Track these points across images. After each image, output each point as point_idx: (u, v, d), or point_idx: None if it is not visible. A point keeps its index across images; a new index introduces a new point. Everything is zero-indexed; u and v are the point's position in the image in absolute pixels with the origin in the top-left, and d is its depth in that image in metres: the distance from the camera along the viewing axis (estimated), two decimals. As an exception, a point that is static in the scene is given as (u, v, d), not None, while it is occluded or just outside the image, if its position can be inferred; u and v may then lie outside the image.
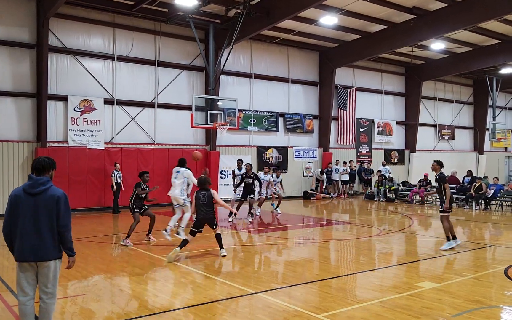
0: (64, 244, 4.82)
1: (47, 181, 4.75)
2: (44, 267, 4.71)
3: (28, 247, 4.64)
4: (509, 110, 34.63)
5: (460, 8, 17.87)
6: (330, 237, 12.44)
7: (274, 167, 19.65)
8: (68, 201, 4.82)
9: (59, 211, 4.70)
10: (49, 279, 4.75)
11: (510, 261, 9.16)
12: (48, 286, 4.77)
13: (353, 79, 25.88)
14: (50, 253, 4.71)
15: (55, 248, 4.76)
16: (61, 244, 4.82)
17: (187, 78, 20.21)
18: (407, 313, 5.99)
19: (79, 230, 12.78)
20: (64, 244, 4.82)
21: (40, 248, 4.66)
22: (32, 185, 4.71)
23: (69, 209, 4.84)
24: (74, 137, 17.32)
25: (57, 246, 4.79)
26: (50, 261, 4.72)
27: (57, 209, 4.69)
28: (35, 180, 4.74)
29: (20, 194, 4.72)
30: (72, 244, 4.88)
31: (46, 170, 4.84)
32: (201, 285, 7.56)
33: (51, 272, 4.75)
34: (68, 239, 4.81)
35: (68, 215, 4.79)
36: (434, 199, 21.55)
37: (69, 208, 4.84)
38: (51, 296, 4.81)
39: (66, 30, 17.34)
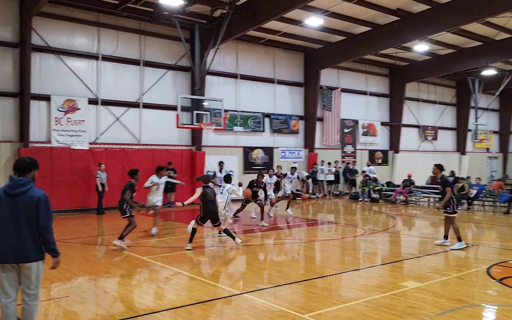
0: (46, 245, 4.77)
1: (27, 182, 4.69)
2: (26, 269, 4.65)
3: (9, 248, 4.60)
4: (491, 112, 35.21)
5: (443, 11, 18.11)
6: (315, 237, 12.51)
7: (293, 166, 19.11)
8: (49, 202, 4.75)
9: (39, 213, 4.64)
10: (31, 281, 4.69)
11: (492, 261, 9.32)
12: (31, 287, 4.71)
13: (338, 80, 26.05)
14: (31, 255, 4.65)
15: (37, 250, 4.70)
16: (44, 245, 4.76)
17: (172, 78, 20.12)
18: (391, 313, 6.06)
19: (63, 231, 12.64)
20: (46, 245, 4.77)
21: (21, 249, 4.61)
22: (13, 186, 4.67)
23: (50, 211, 4.76)
24: (58, 137, 17.12)
25: (39, 247, 4.73)
26: (32, 263, 4.66)
27: (37, 210, 4.63)
28: (16, 181, 4.69)
29: (0, 195, 4.68)
30: (55, 245, 4.82)
31: (28, 170, 4.77)
32: (187, 286, 7.54)
33: (33, 274, 4.69)
34: (50, 240, 4.74)
35: (48, 216, 4.71)
36: (418, 200, 21.81)
37: (50, 210, 4.76)
38: (33, 298, 4.75)
39: (49, 29, 17.13)
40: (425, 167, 26.74)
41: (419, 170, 25.63)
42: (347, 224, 14.87)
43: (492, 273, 8.23)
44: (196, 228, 10.51)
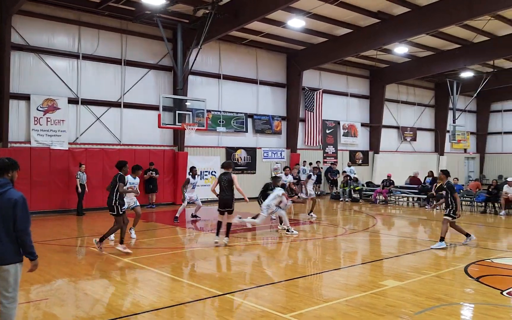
0: (23, 248, 4.66)
1: (5, 184, 4.60)
2: (3, 271, 4.56)
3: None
4: (469, 113, 35.88)
5: (423, 14, 18.40)
6: (297, 237, 12.58)
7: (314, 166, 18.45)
8: (26, 204, 4.64)
9: (16, 215, 4.53)
10: (9, 284, 4.59)
11: (470, 259, 9.52)
12: (9, 290, 4.62)
13: (319, 81, 26.24)
14: (9, 257, 4.56)
15: (15, 252, 4.60)
16: (21, 248, 4.67)
17: (154, 78, 20.00)
18: (371, 311, 6.15)
19: (42, 232, 12.47)
20: (23, 248, 4.66)
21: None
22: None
23: (28, 213, 4.65)
24: (37, 137, 16.86)
25: (17, 249, 4.64)
26: (10, 265, 4.57)
27: (14, 212, 4.53)
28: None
29: None
30: (33, 248, 4.71)
31: (5, 171, 4.67)
32: (168, 288, 7.52)
33: (11, 276, 4.59)
34: (27, 243, 4.64)
35: (26, 219, 4.60)
36: (397, 199, 22.12)
37: (28, 212, 4.65)
38: (12, 300, 4.66)
39: (29, 27, 16.86)
40: (404, 168, 27.19)
41: (399, 171, 26.01)
42: (328, 224, 15.00)
43: (469, 272, 8.40)
44: (221, 220, 10.90)
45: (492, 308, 6.36)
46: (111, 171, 17.81)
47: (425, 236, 13.20)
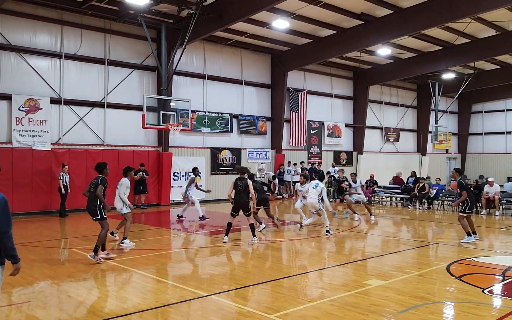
0: (5, 251, 4.53)
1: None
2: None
3: None
4: (450, 114, 36.42)
5: (406, 16, 18.63)
6: (281, 237, 12.62)
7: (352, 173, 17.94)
8: (7, 206, 4.50)
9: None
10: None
11: (452, 258, 9.66)
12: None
13: (304, 82, 26.36)
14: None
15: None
16: (3, 251, 4.56)
17: (138, 78, 19.86)
18: (355, 311, 6.20)
19: (24, 234, 12.29)
20: (5, 251, 4.53)
21: None
22: None
23: (9, 215, 4.51)
24: (19, 138, 16.60)
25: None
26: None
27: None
28: None
29: None
30: (15, 251, 4.58)
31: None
32: (152, 289, 7.48)
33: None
34: (9, 246, 4.50)
35: (7, 221, 4.46)
36: (380, 199, 22.32)
37: (9, 214, 4.51)
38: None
39: (11, 26, 16.60)
40: (387, 168, 27.47)
41: (382, 171, 26.28)
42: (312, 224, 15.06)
43: (452, 271, 8.53)
44: (231, 222, 11.36)
45: (474, 306, 6.47)
46: (95, 172, 17.59)
47: (408, 235, 13.36)
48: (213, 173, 21.86)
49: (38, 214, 16.62)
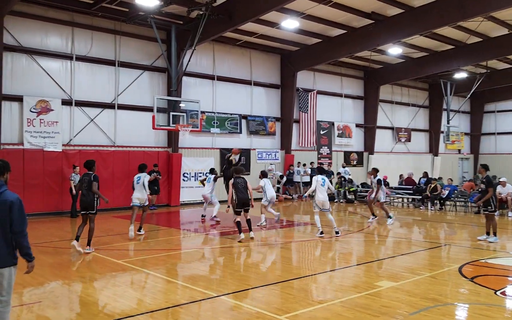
0: (20, 250, 4.65)
1: (0, 185, 4.60)
2: (1, 274, 4.53)
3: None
4: (462, 114, 36.06)
5: (417, 15, 18.47)
6: (291, 238, 12.57)
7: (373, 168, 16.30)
8: (22, 206, 4.62)
9: (13, 217, 4.51)
10: (3, 287, 4.56)
11: (464, 260, 9.55)
12: (3, 293, 4.58)
13: (314, 82, 26.27)
14: (4, 260, 4.53)
15: (10, 255, 4.58)
16: (18, 250, 4.65)
17: (148, 79, 19.94)
18: (366, 312, 6.15)
19: (36, 235, 12.38)
20: (20, 250, 4.65)
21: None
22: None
23: (24, 215, 4.63)
24: (30, 139, 16.75)
25: (12, 252, 4.61)
26: (4, 268, 4.54)
27: (11, 214, 4.51)
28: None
29: None
30: (30, 250, 4.70)
31: (1, 173, 4.67)
32: (163, 290, 7.48)
33: (5, 280, 4.56)
34: (24, 245, 4.63)
35: (22, 220, 4.59)
36: (391, 200, 22.17)
37: (24, 214, 4.63)
38: (5, 304, 4.62)
39: (22, 28, 16.75)
40: (398, 168, 27.25)
41: (393, 171, 26.08)
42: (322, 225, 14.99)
43: (464, 272, 8.43)
44: (240, 220, 11.73)
45: (486, 308, 6.39)
46: (105, 173, 17.83)
47: (419, 236, 13.24)
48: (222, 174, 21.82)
49: (49, 215, 16.74)
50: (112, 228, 13.95)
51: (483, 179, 11.61)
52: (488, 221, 11.68)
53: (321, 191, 12.36)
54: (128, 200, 12.88)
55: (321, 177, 12.50)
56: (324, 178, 12.57)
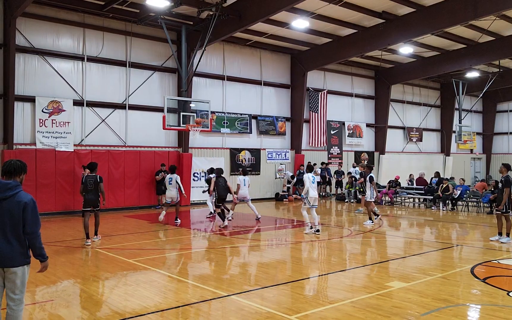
0: (33, 251, 4.69)
1: (15, 186, 4.62)
2: (11, 273, 4.56)
3: None
4: (475, 113, 35.71)
5: (428, 14, 18.33)
6: (301, 238, 12.55)
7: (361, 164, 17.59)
8: (36, 207, 4.67)
9: (26, 218, 4.55)
10: (16, 286, 4.59)
11: (476, 260, 9.45)
12: (16, 292, 4.61)
13: (324, 82, 26.19)
14: (17, 259, 4.56)
15: (23, 254, 4.62)
16: (31, 250, 4.68)
17: (159, 80, 20.03)
18: (377, 313, 6.11)
19: (48, 234, 12.50)
20: (33, 251, 4.69)
21: (7, 254, 4.52)
22: (0, 188, 4.59)
23: (37, 216, 4.68)
24: (42, 139, 16.92)
25: (25, 252, 4.64)
26: (17, 267, 4.57)
27: (24, 215, 4.55)
28: (3, 184, 4.60)
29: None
30: (43, 250, 4.74)
31: (17, 173, 4.70)
32: (173, 289, 7.51)
33: (19, 279, 4.59)
34: (37, 246, 4.67)
35: (35, 221, 4.63)
36: (403, 200, 22.02)
37: (37, 215, 4.68)
38: (18, 302, 4.65)
39: (34, 29, 16.94)
40: (410, 168, 27.07)
41: (404, 171, 25.90)
42: (333, 225, 14.96)
43: (476, 273, 8.35)
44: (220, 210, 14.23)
45: (498, 309, 6.32)
46: (116, 173, 17.98)
47: (431, 237, 13.13)
48: (232, 174, 21.88)
49: (61, 214, 16.90)
50: (123, 228, 14.04)
51: (503, 178, 11.40)
52: (500, 221, 11.57)
53: (312, 188, 12.77)
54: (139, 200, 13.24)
55: (311, 175, 13.01)
56: (313, 175, 13.16)
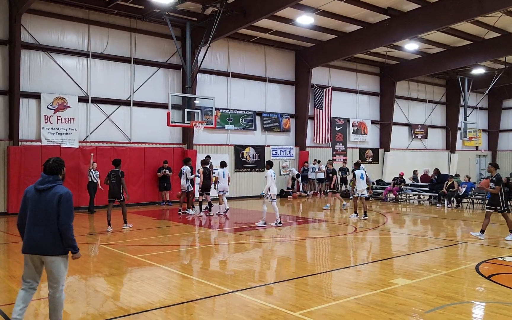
0: (65, 242, 4.92)
1: (54, 180, 5.01)
2: (47, 262, 4.88)
3: (33, 241, 4.86)
4: (480, 110, 35.54)
5: (433, 10, 18.24)
6: (306, 235, 12.55)
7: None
8: (71, 200, 4.97)
9: (60, 209, 4.86)
10: (52, 274, 4.91)
11: (481, 258, 9.42)
12: (52, 280, 4.94)
13: (329, 78, 26.13)
14: (51, 248, 4.85)
15: (57, 245, 4.88)
16: (63, 241, 4.92)
17: (163, 76, 20.05)
18: (381, 310, 6.10)
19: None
20: (65, 242, 4.92)
21: (42, 242, 4.84)
22: (41, 182, 5.00)
23: (71, 208, 4.96)
24: (48, 136, 16.99)
25: (59, 243, 4.91)
26: (52, 257, 4.87)
27: (58, 207, 4.86)
28: (43, 178, 5.03)
29: (31, 190, 5.02)
30: (74, 242, 5.00)
31: (55, 172, 5.10)
32: (178, 285, 7.53)
33: (54, 267, 4.89)
34: (69, 237, 4.92)
35: (68, 213, 4.90)
36: (408, 197, 21.96)
37: (71, 207, 4.97)
38: (56, 289, 4.96)
39: (39, 26, 16.98)
40: (414, 165, 26.98)
41: (409, 168, 25.82)
42: (337, 222, 14.95)
43: (481, 270, 8.31)
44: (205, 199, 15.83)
45: (503, 307, 6.29)
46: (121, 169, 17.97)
47: (436, 234, 13.09)
48: (237, 171, 21.91)
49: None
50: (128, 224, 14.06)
51: (494, 177, 11.58)
52: (508, 220, 11.55)
53: (274, 183, 13.78)
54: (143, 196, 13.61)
55: (273, 171, 13.75)
56: (274, 171, 13.88)
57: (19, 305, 4.99)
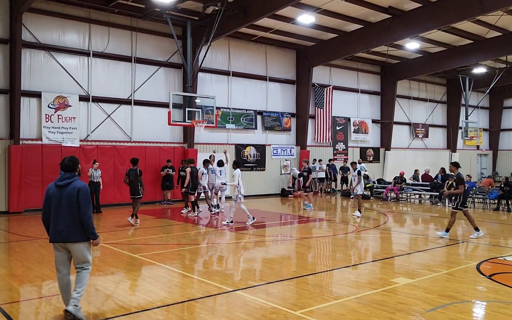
0: (86, 230, 5.58)
1: (71, 176, 5.64)
2: (72, 248, 5.58)
3: (58, 231, 5.53)
4: (481, 109, 35.50)
5: (435, 9, 18.22)
6: (307, 234, 12.55)
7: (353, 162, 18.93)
8: (88, 192, 5.64)
9: (80, 201, 5.51)
10: (78, 258, 5.64)
11: (482, 257, 9.42)
12: (78, 263, 5.66)
13: (330, 77, 26.11)
14: (74, 236, 5.52)
15: (79, 232, 5.55)
16: (84, 229, 5.57)
17: (164, 75, 20.05)
18: (382, 309, 6.10)
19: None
20: (86, 230, 5.58)
21: (65, 231, 5.50)
22: (60, 178, 5.65)
23: (89, 199, 5.63)
24: (48, 135, 16.99)
25: (80, 231, 5.56)
26: (75, 243, 5.55)
27: (78, 199, 5.51)
28: (61, 175, 5.67)
29: (51, 186, 5.68)
30: (94, 229, 5.64)
31: (70, 170, 5.67)
32: (179, 284, 7.54)
33: (79, 252, 5.60)
34: (89, 225, 5.58)
35: (87, 204, 5.56)
36: (408, 197, 21.95)
37: (89, 198, 5.63)
38: (82, 267, 5.69)
39: (40, 25, 16.98)
40: (415, 165, 26.97)
41: (410, 168, 25.80)
42: (338, 221, 14.95)
43: (482, 270, 8.31)
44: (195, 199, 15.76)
45: (504, 306, 6.29)
46: (122, 168, 18.01)
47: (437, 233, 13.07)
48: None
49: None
50: (129, 223, 14.07)
51: (455, 176, 11.71)
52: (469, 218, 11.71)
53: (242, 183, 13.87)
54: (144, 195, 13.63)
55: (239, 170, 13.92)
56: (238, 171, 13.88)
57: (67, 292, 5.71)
